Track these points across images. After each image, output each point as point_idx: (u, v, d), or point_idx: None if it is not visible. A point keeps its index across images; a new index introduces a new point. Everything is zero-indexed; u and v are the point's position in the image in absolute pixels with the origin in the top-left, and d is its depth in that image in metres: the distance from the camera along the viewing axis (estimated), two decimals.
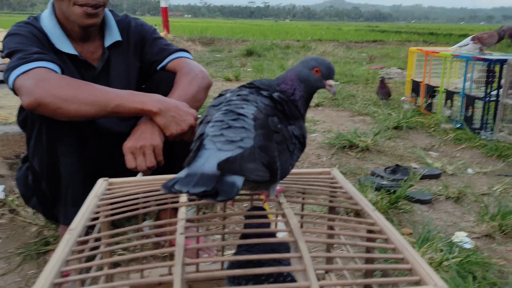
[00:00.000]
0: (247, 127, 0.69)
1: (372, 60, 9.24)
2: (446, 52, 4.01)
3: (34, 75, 1.26)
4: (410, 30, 25.40)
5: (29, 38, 1.40)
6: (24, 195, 1.61)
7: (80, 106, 1.26)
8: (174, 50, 1.62)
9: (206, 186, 0.58)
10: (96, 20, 1.47)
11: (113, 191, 0.84)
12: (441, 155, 2.98)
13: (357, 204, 0.79)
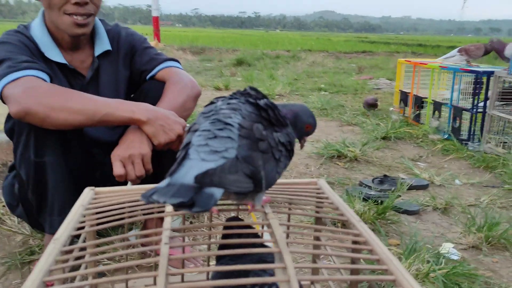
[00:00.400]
0: (233, 136, 0.69)
1: (361, 71, 9.32)
2: (434, 63, 4.07)
3: (22, 84, 1.26)
4: (399, 41, 25.72)
5: (18, 47, 1.39)
6: (9, 203, 1.60)
7: (68, 115, 1.25)
8: (164, 60, 1.62)
9: (183, 197, 0.58)
10: (85, 30, 1.47)
11: (99, 200, 0.84)
12: (429, 165, 3.01)
13: (343, 215, 0.80)
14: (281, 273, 0.58)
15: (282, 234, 0.65)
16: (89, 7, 1.43)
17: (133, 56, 1.63)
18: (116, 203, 0.81)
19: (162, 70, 1.59)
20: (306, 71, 8.86)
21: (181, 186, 0.60)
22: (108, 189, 0.90)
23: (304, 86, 6.66)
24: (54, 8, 1.40)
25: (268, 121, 0.74)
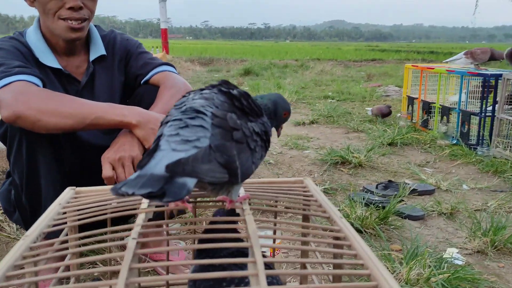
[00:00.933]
0: (205, 125, 0.67)
1: (370, 78, 9.29)
2: (441, 68, 4.02)
3: (13, 88, 1.26)
4: (410, 49, 25.64)
5: (12, 52, 1.40)
6: (6, 210, 1.60)
7: (59, 119, 1.25)
8: (158, 64, 1.62)
9: (152, 188, 0.56)
10: (80, 34, 1.47)
11: (79, 199, 0.83)
12: (436, 171, 2.96)
13: (325, 211, 0.77)
14: (252, 267, 0.56)
15: (255, 229, 0.63)
16: (84, 12, 1.44)
17: (128, 61, 1.64)
18: (94, 202, 0.80)
19: (156, 74, 1.59)
20: (314, 79, 8.85)
21: (150, 176, 0.58)
22: (88, 189, 0.88)
23: (311, 94, 6.65)
24: (49, 14, 1.41)
25: (242, 110, 0.72)
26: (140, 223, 0.66)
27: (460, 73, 3.60)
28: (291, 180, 0.94)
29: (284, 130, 4.13)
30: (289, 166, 2.99)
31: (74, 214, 0.76)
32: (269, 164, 3.00)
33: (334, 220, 0.73)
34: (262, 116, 0.76)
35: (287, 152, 3.35)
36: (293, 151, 3.39)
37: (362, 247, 0.62)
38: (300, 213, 0.82)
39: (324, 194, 2.44)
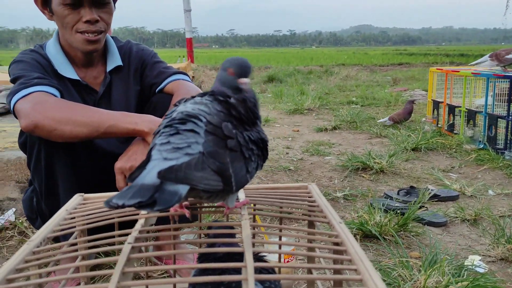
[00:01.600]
0: (197, 130, 0.67)
1: (396, 83, 9.16)
2: (466, 70, 3.94)
3: (31, 99, 1.31)
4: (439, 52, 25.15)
5: (32, 65, 1.46)
6: (29, 216, 1.65)
7: (74, 127, 1.29)
8: (172, 73, 1.65)
9: (141, 197, 0.57)
10: (96, 46, 1.51)
11: (86, 206, 0.85)
12: (461, 176, 2.89)
13: (325, 217, 0.77)
14: (244, 272, 0.57)
15: (249, 235, 0.63)
16: (100, 24, 1.48)
17: (144, 70, 1.67)
18: (98, 208, 0.82)
19: (170, 83, 1.62)
20: (338, 85, 8.79)
21: (141, 186, 0.59)
22: (96, 195, 0.91)
23: (335, 100, 6.60)
24: (67, 27, 1.46)
25: (239, 119, 0.72)
26: (138, 228, 0.67)
27: (486, 76, 3.51)
28: (296, 185, 0.94)
29: (305, 136, 4.12)
30: (309, 172, 2.97)
31: (80, 220, 0.78)
32: (289, 170, 3.00)
33: (333, 225, 0.73)
34: (257, 124, 0.76)
35: (308, 159, 3.34)
36: (314, 158, 3.37)
37: (357, 252, 0.62)
38: (303, 218, 0.82)
39: (343, 200, 2.42)
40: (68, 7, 1.42)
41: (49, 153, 1.38)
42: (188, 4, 10.87)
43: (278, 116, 5.32)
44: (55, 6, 1.43)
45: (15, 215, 2.01)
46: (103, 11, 1.48)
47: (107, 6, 1.49)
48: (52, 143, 1.35)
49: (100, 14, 1.47)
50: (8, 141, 2.38)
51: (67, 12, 1.42)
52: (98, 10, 1.46)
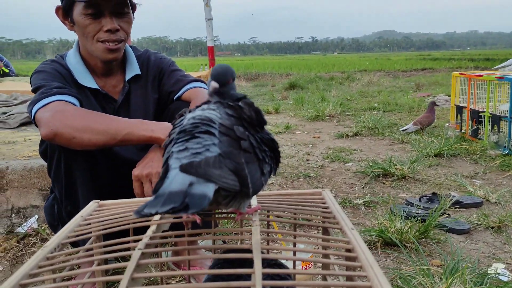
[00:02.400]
0: (213, 131, 0.68)
1: (419, 88, 9.04)
2: (490, 75, 3.86)
3: (51, 108, 1.34)
4: (464, 57, 24.72)
5: (53, 75, 1.49)
6: (51, 223, 1.68)
7: (92, 135, 1.31)
8: (190, 81, 1.66)
9: (174, 203, 0.58)
10: (117, 55, 1.54)
11: (101, 212, 0.86)
12: (485, 182, 2.82)
13: (338, 223, 0.76)
14: (252, 278, 0.56)
15: (258, 240, 0.63)
16: (120, 33, 1.51)
17: (162, 78, 1.69)
18: (115, 213, 0.83)
19: (188, 91, 1.64)
20: (360, 91, 8.72)
21: (169, 194, 0.60)
22: (111, 202, 0.92)
23: (356, 106, 6.55)
24: (88, 37, 1.49)
25: (249, 123, 0.72)
26: (149, 234, 0.68)
27: (510, 80, 3.43)
28: (309, 191, 0.94)
29: (326, 143, 4.10)
30: (329, 179, 2.95)
31: (95, 226, 0.79)
32: (309, 177, 2.98)
33: (344, 231, 0.72)
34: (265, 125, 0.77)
35: (328, 165, 3.31)
36: (335, 164, 3.35)
37: (367, 259, 0.61)
38: (316, 225, 0.82)
39: (364, 207, 2.39)
40: (90, 17, 1.45)
41: (68, 161, 1.41)
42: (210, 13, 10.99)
43: (299, 123, 5.31)
44: (77, 16, 1.46)
45: (38, 222, 2.06)
46: (123, 21, 1.51)
47: (127, 16, 1.52)
48: (71, 151, 1.38)
49: (120, 23, 1.50)
50: (33, 150, 2.44)
51: (88, 22, 1.46)
52: (118, 19, 1.49)
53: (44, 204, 2.06)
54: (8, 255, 1.88)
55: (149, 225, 0.78)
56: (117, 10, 1.47)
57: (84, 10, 1.43)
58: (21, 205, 2.11)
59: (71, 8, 1.47)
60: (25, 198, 2.11)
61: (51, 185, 1.54)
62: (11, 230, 2.04)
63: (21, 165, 2.13)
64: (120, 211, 0.85)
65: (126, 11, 1.50)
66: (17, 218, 2.09)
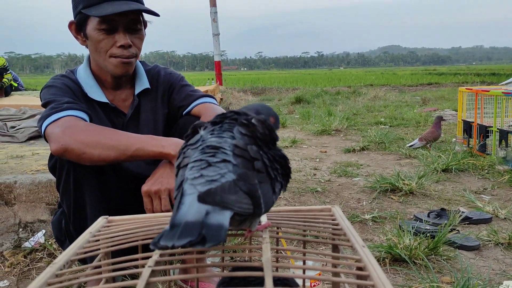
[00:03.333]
0: (228, 158, 0.67)
1: (425, 103, 9.03)
2: (497, 90, 3.85)
3: (62, 123, 1.35)
4: (470, 71, 24.71)
5: (63, 89, 1.51)
6: (58, 238, 1.68)
7: (102, 151, 1.32)
8: (199, 96, 1.67)
9: (191, 236, 0.56)
10: (128, 70, 1.56)
11: (110, 228, 0.86)
12: (493, 198, 2.79)
13: (349, 240, 0.76)
14: None
15: (269, 258, 0.62)
16: (132, 49, 1.53)
17: (171, 93, 1.70)
18: (125, 230, 0.83)
19: (197, 106, 1.65)
20: (366, 105, 8.73)
21: (185, 225, 0.59)
22: (120, 218, 0.92)
23: (363, 121, 6.55)
24: (101, 51, 1.51)
25: (262, 140, 0.72)
26: (158, 252, 0.67)
27: None
28: (318, 208, 0.93)
29: (333, 157, 4.09)
30: (337, 194, 2.94)
31: (104, 242, 0.79)
32: (316, 192, 2.97)
33: (356, 249, 0.71)
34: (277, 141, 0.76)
35: (336, 180, 3.30)
36: (342, 179, 3.33)
37: (380, 277, 0.60)
38: (326, 242, 0.81)
39: (372, 222, 2.37)
40: (104, 32, 1.47)
41: (77, 176, 1.42)
42: (217, 28, 11.14)
43: (305, 137, 5.30)
44: (90, 31, 1.48)
45: (45, 237, 2.06)
46: (136, 37, 1.53)
47: (139, 32, 1.54)
48: (81, 166, 1.38)
49: (133, 39, 1.52)
50: (41, 164, 2.46)
51: (102, 37, 1.48)
52: (131, 35, 1.51)
53: (51, 218, 2.07)
54: (14, 270, 1.88)
55: None
56: (130, 26, 1.49)
57: (98, 25, 1.45)
58: (29, 220, 2.12)
59: (85, 23, 1.48)
60: (33, 213, 2.12)
61: (59, 199, 1.54)
62: (18, 244, 2.04)
63: (29, 179, 2.14)
64: (129, 227, 0.85)
65: (138, 28, 1.52)
66: (24, 232, 2.10)
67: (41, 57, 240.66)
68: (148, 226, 0.86)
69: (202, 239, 0.57)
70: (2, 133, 3.65)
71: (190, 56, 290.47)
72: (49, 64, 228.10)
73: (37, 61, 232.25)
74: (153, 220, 0.89)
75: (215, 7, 10.90)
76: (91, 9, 1.45)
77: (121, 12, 1.42)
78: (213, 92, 7.46)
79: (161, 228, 0.83)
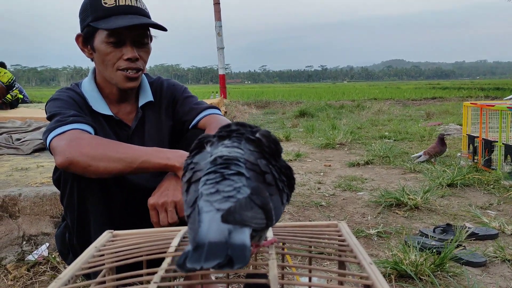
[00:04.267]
0: (241, 170, 0.68)
1: (429, 117, 9.02)
2: (502, 105, 3.84)
3: (67, 136, 1.35)
4: (474, 86, 24.72)
5: (68, 102, 1.51)
6: (61, 251, 1.67)
7: (108, 164, 1.32)
8: (204, 108, 1.67)
9: (218, 258, 0.56)
10: (135, 83, 1.56)
11: (115, 243, 0.86)
12: (500, 214, 2.77)
13: (356, 257, 0.75)
14: None
15: (275, 275, 0.62)
16: (139, 63, 1.54)
17: (175, 106, 1.71)
18: (128, 245, 0.82)
19: (203, 118, 1.65)
20: (370, 119, 8.72)
21: (210, 245, 0.58)
22: (125, 232, 0.91)
23: (367, 135, 6.54)
24: (108, 65, 1.52)
25: (270, 154, 0.73)
26: (164, 267, 0.67)
27: None
28: (325, 223, 0.92)
29: (337, 171, 4.08)
30: (341, 208, 2.92)
31: (109, 257, 0.79)
32: (320, 206, 2.95)
33: (363, 266, 0.71)
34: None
35: (340, 194, 3.29)
36: (346, 193, 3.32)
37: None
38: (333, 258, 0.80)
39: (377, 237, 2.35)
40: (111, 45, 1.48)
41: (81, 189, 1.41)
42: (222, 42, 11.22)
43: (309, 151, 5.30)
44: (98, 44, 1.49)
45: (48, 250, 2.05)
46: (143, 51, 1.54)
47: (146, 46, 1.55)
48: (85, 179, 1.38)
49: (140, 53, 1.53)
50: (45, 176, 2.46)
51: (109, 50, 1.49)
52: (138, 49, 1.52)
53: (55, 231, 2.06)
54: (17, 283, 1.87)
55: (163, 257, 0.77)
56: (138, 40, 1.50)
57: (106, 39, 1.46)
58: (33, 233, 2.11)
59: (93, 35, 1.50)
60: (37, 226, 2.11)
61: (63, 213, 1.53)
62: (21, 257, 2.03)
63: (33, 192, 2.14)
64: (134, 242, 0.84)
65: (146, 42, 1.53)
66: (28, 245, 2.09)
67: (46, 69, 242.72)
68: (153, 241, 0.85)
69: (229, 260, 0.57)
70: (8, 145, 3.66)
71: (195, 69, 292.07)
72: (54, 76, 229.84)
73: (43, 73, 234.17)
74: (158, 235, 0.89)
75: (220, 21, 11.00)
76: (100, 22, 1.46)
77: (130, 25, 1.43)
78: (218, 105, 7.48)
79: (166, 243, 0.83)
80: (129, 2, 1.49)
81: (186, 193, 0.72)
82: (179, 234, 0.86)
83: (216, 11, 10.95)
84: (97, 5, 1.47)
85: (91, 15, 1.48)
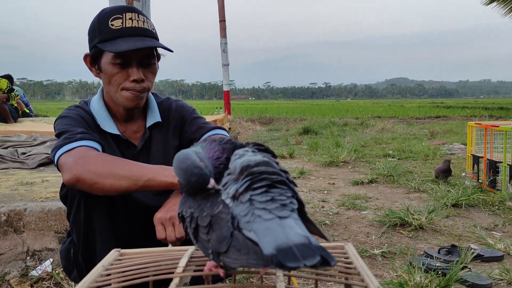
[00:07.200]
0: (283, 179, 0.71)
1: (433, 136, 9.01)
2: (506, 125, 3.85)
3: (74, 153, 1.36)
4: (478, 105, 24.73)
5: (76, 120, 1.53)
6: (66, 267, 1.67)
7: (114, 181, 1.32)
8: (211, 128, 1.69)
9: (316, 257, 0.57)
10: (139, 103, 1.58)
11: (122, 262, 0.86)
12: (505, 235, 2.75)
13: (363, 280, 0.75)
14: None
15: None
16: (145, 83, 1.55)
17: (183, 126, 1.72)
18: (137, 264, 0.82)
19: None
20: (374, 137, 8.72)
21: (297, 247, 0.59)
22: (132, 251, 0.92)
23: (371, 153, 6.53)
24: (114, 84, 1.54)
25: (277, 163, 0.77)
26: (173, 286, 0.67)
27: None
28: (331, 245, 0.92)
29: (341, 190, 4.07)
30: (345, 227, 2.91)
31: (116, 276, 0.79)
32: (324, 225, 2.94)
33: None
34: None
35: (344, 213, 3.28)
36: (350, 212, 3.31)
37: None
38: (339, 281, 0.80)
39: (381, 258, 2.33)
40: (117, 66, 1.50)
41: (88, 206, 1.42)
42: (227, 59, 11.31)
43: (313, 168, 5.29)
44: (105, 65, 1.51)
45: (52, 265, 2.05)
46: (149, 71, 1.56)
47: (152, 67, 1.57)
48: (92, 197, 1.39)
49: (146, 73, 1.54)
50: (50, 191, 2.47)
51: (116, 71, 1.50)
52: (144, 70, 1.54)
53: (60, 247, 2.06)
54: None
55: (170, 278, 0.77)
56: (144, 61, 1.52)
57: (113, 60, 1.48)
58: (37, 248, 2.11)
59: (100, 56, 1.52)
60: (41, 241, 2.11)
61: (69, 228, 1.54)
62: (25, 273, 2.03)
63: (39, 207, 2.15)
64: (141, 262, 0.84)
65: (152, 62, 1.55)
66: (32, 261, 2.09)
67: (52, 83, 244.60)
68: (160, 261, 0.85)
69: (324, 260, 0.58)
70: (13, 159, 3.68)
71: (199, 85, 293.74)
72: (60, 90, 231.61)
73: (49, 87, 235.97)
74: (165, 255, 0.89)
75: (225, 38, 11.10)
76: (106, 44, 1.48)
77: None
78: (222, 121, 7.52)
79: (174, 263, 0.83)
80: (135, 24, 1.51)
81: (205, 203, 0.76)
82: (186, 254, 0.86)
83: (221, 28, 11.06)
84: (104, 27, 1.49)
85: (98, 36, 1.50)
